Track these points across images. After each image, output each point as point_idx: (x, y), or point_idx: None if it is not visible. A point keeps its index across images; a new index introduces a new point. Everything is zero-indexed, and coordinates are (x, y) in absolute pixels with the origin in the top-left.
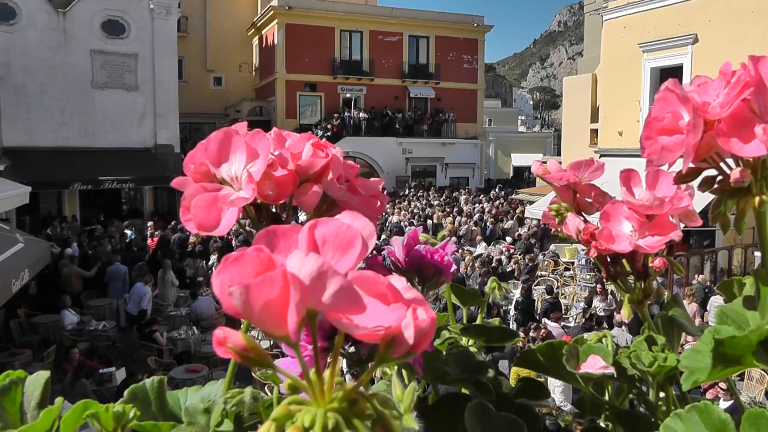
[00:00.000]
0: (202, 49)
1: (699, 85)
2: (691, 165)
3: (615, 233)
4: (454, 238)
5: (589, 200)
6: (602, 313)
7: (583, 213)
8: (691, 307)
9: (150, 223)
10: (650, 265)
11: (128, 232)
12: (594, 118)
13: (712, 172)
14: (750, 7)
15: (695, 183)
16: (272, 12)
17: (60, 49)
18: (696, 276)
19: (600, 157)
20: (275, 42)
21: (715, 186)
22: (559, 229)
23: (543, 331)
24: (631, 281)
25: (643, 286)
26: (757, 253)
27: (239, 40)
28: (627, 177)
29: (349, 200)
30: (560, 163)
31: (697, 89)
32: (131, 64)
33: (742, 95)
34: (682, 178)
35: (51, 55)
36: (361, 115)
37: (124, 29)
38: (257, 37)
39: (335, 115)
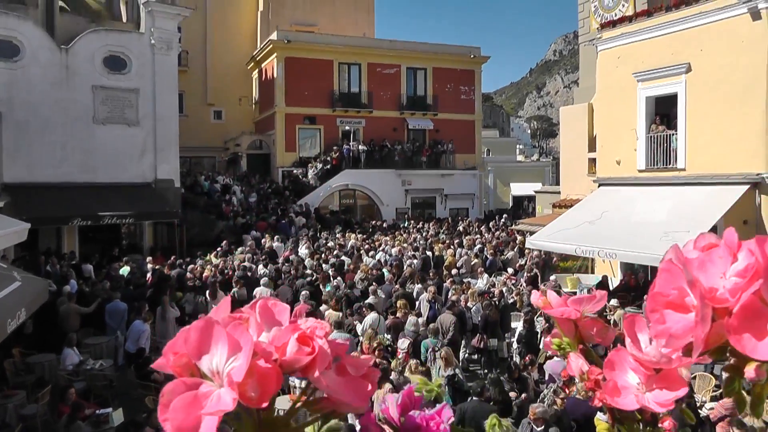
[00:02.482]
0: (202, 83)
1: (703, 253)
2: None
3: (620, 384)
4: (448, 409)
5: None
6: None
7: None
8: None
9: (149, 259)
10: (659, 425)
11: (127, 268)
12: (591, 147)
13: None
14: (741, 37)
15: None
16: (271, 46)
17: (62, 85)
18: None
19: (599, 186)
20: (275, 75)
21: (727, 363)
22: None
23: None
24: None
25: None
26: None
27: (239, 73)
28: (631, 323)
29: (337, 394)
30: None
31: (701, 262)
32: (132, 99)
33: (752, 286)
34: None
35: (53, 91)
36: (360, 147)
37: (125, 64)
38: (257, 70)
39: (334, 147)
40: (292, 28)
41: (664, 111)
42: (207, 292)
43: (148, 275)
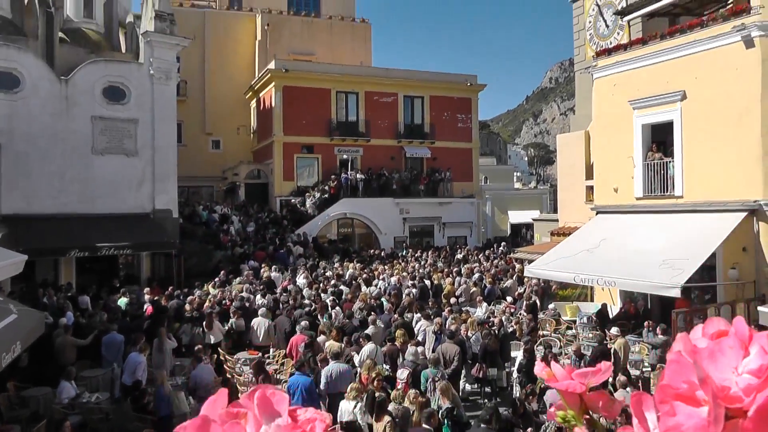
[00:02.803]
0: (200, 113)
1: (713, 342)
2: None
3: None
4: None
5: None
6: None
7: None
8: None
9: (147, 289)
10: None
11: (124, 299)
12: (589, 174)
13: None
14: (734, 65)
15: None
16: (269, 75)
17: (62, 116)
18: None
19: (596, 214)
20: (273, 104)
21: None
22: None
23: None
24: None
25: None
26: (761, 308)
27: (237, 103)
28: (638, 402)
29: None
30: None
31: (711, 352)
32: (131, 130)
33: (767, 388)
34: None
35: (53, 122)
36: (358, 176)
37: (124, 95)
38: (255, 100)
39: (332, 176)
40: (289, 57)
41: (660, 138)
42: (204, 323)
43: (146, 306)
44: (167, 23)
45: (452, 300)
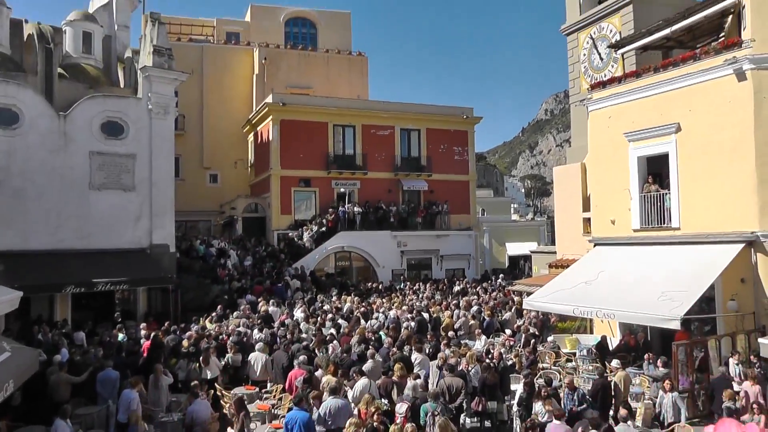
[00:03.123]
0: (198, 147)
1: None
2: None
3: None
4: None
5: None
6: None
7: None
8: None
9: (143, 325)
10: None
11: (120, 335)
12: (586, 206)
13: None
14: (727, 97)
15: None
16: (267, 109)
17: (60, 152)
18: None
19: (594, 246)
20: (270, 138)
21: None
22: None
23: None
24: None
25: None
26: (762, 340)
27: (235, 137)
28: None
29: None
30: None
31: None
32: (129, 165)
33: None
34: None
35: (50, 158)
36: (356, 209)
37: (122, 130)
38: (252, 133)
39: (330, 209)
40: (287, 91)
41: (656, 170)
42: (201, 358)
43: (142, 342)
44: (165, 58)
45: (451, 333)
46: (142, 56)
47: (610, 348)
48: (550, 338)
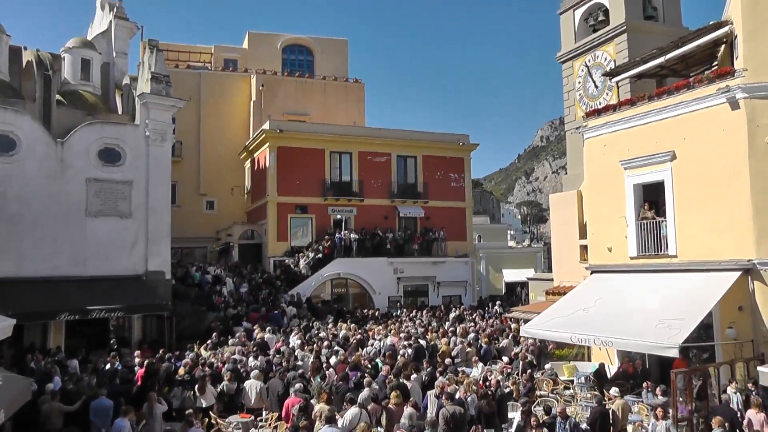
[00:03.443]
0: (195, 173)
1: None
2: None
3: None
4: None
5: None
6: None
7: None
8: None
9: (137, 352)
10: None
11: (109, 365)
12: (582, 233)
13: None
14: (721, 125)
15: None
16: (264, 135)
17: (57, 179)
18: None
19: (591, 273)
20: (267, 165)
21: None
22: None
23: None
24: None
25: None
26: (761, 368)
27: (232, 163)
28: None
29: None
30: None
31: None
32: (125, 192)
33: None
34: None
35: (47, 185)
36: (352, 235)
37: (119, 156)
38: (249, 160)
39: (326, 236)
40: (284, 118)
41: (652, 198)
42: (196, 386)
43: (136, 369)
44: (163, 85)
45: (448, 360)
46: (140, 83)
47: (609, 375)
48: (547, 365)
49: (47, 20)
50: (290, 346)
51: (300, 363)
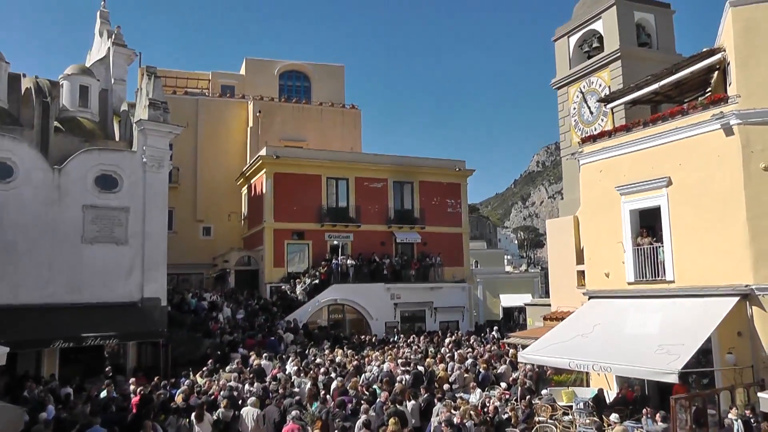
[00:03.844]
0: (192, 200)
1: None
2: None
3: None
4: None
5: None
6: None
7: None
8: None
9: (132, 380)
10: None
11: (104, 393)
12: (579, 259)
13: None
14: (716, 151)
15: None
16: (261, 161)
17: (53, 205)
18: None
19: (589, 299)
20: (263, 191)
21: None
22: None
23: None
24: None
25: None
26: (761, 394)
27: (228, 189)
28: None
29: None
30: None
31: None
32: (122, 218)
33: None
34: None
35: (44, 212)
36: (349, 261)
37: (116, 183)
38: (246, 186)
39: (323, 262)
40: (281, 144)
41: (649, 223)
42: (193, 414)
43: (132, 397)
44: (161, 111)
45: (446, 386)
46: (137, 109)
47: (608, 401)
48: (544, 391)
49: (46, 47)
50: (287, 372)
51: (297, 390)
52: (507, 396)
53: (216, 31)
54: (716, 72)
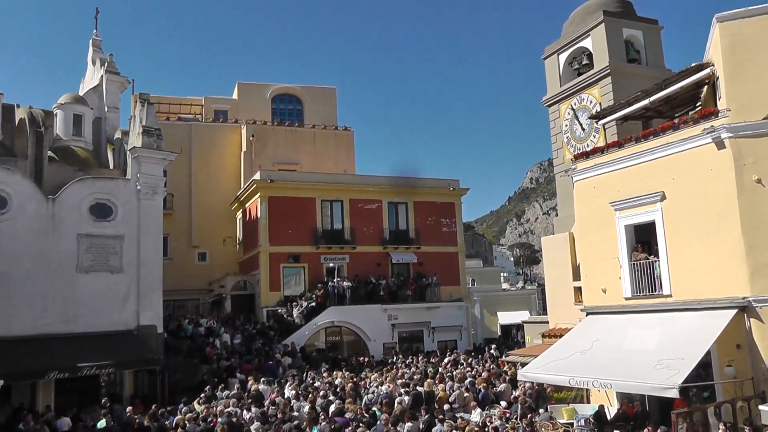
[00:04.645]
0: (187, 226)
1: None
2: None
3: None
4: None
5: None
6: None
7: None
8: None
9: (129, 408)
10: None
11: (103, 421)
12: (576, 275)
13: None
14: (708, 165)
15: None
16: (255, 186)
17: (48, 235)
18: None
19: (586, 315)
20: (258, 215)
21: None
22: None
23: None
24: None
25: None
26: (762, 407)
27: (223, 214)
28: None
29: None
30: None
31: None
32: (117, 246)
33: None
34: None
35: (38, 242)
36: (345, 283)
37: (111, 212)
38: (241, 210)
39: (319, 284)
40: (274, 167)
41: (645, 238)
42: None
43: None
44: (154, 138)
45: (446, 406)
46: (131, 137)
47: (609, 417)
48: (544, 409)
49: (40, 77)
50: (285, 396)
51: (296, 414)
52: (508, 415)
53: (208, 56)
54: (706, 86)
